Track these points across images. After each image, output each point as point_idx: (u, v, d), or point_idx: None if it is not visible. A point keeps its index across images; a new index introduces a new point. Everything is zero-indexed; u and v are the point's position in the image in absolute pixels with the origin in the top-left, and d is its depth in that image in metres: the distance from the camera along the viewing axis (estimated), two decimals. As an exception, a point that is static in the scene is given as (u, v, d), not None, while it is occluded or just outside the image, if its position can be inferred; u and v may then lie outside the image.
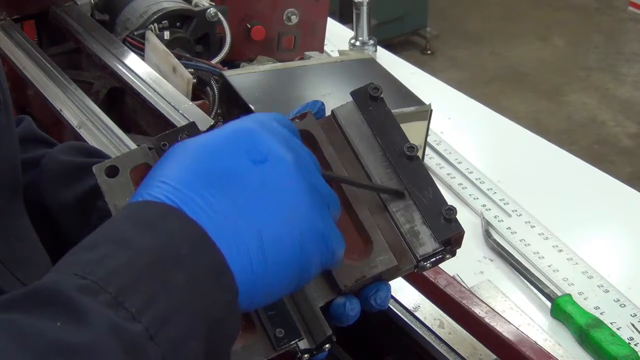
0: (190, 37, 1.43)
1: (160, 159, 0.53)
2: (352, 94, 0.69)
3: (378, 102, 0.68)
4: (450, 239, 0.64)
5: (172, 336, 0.44)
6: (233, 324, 0.50)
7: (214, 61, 1.40)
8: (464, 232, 0.65)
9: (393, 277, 0.65)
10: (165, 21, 1.40)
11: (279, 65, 1.38)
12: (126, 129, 1.20)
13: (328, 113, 0.71)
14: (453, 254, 0.66)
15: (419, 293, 0.94)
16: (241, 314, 0.50)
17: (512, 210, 1.25)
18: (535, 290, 1.09)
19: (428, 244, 0.64)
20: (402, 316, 0.94)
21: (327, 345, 0.62)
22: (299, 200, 0.52)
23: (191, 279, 0.46)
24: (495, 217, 1.24)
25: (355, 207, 0.65)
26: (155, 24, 1.39)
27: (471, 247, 1.17)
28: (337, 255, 0.56)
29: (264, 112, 0.59)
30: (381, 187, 0.66)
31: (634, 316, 1.05)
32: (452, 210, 0.64)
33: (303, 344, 0.61)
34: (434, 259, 0.65)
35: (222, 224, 0.49)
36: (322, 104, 0.71)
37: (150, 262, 0.46)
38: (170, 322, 0.45)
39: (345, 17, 2.50)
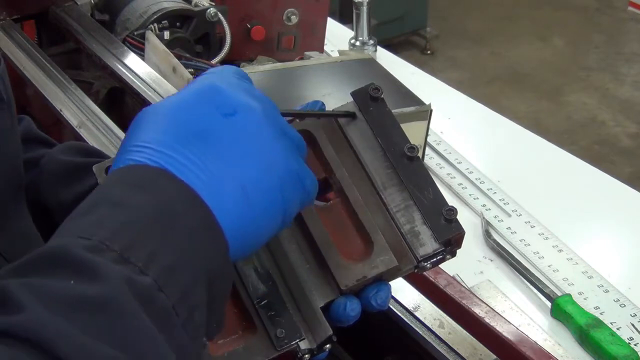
0: (190, 37, 1.43)
1: (133, 124, 0.55)
2: (353, 94, 0.69)
3: (378, 102, 0.68)
4: (450, 240, 0.64)
5: (178, 286, 0.46)
6: (227, 276, 0.52)
7: (214, 61, 1.40)
8: (464, 232, 0.65)
9: (393, 278, 0.65)
10: (165, 21, 1.40)
11: (279, 65, 1.38)
12: (126, 129, 1.19)
13: None
14: (453, 255, 0.66)
15: (419, 293, 0.94)
16: (233, 265, 0.53)
17: (512, 210, 1.25)
18: (535, 290, 1.09)
19: (428, 244, 0.64)
20: (402, 316, 0.94)
21: (327, 345, 0.62)
22: (274, 147, 0.55)
23: (188, 235, 0.48)
24: (495, 217, 1.24)
25: (356, 207, 0.65)
26: (155, 24, 1.39)
27: (471, 247, 1.17)
28: (312, 193, 0.58)
29: (221, 67, 0.61)
30: (330, 112, 0.68)
31: (634, 316, 1.05)
32: (453, 210, 0.64)
33: (304, 344, 0.61)
34: (434, 259, 0.65)
35: (208, 181, 0.51)
36: (323, 104, 0.71)
37: (149, 220, 0.48)
38: (175, 274, 0.47)
39: (345, 17, 2.50)
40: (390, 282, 0.65)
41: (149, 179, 0.50)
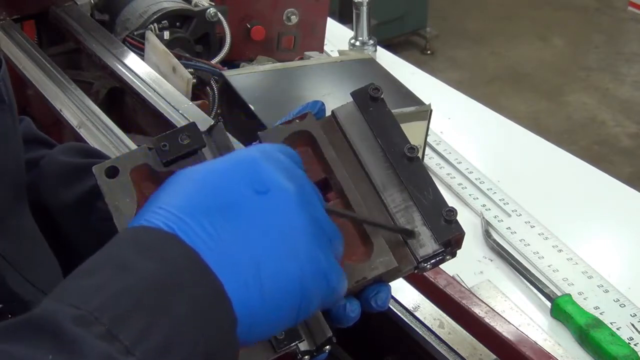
0: (190, 37, 1.43)
1: (162, 185, 0.53)
2: (353, 94, 0.69)
3: (378, 102, 0.68)
4: (450, 240, 0.64)
5: None
6: (231, 355, 0.49)
7: (213, 61, 1.40)
8: (464, 233, 0.65)
9: (393, 278, 0.65)
10: (165, 21, 1.40)
11: (278, 65, 1.38)
12: (126, 129, 1.20)
13: (328, 113, 0.71)
14: (453, 255, 0.66)
15: (419, 293, 0.94)
16: (239, 346, 0.49)
17: (512, 210, 1.25)
18: (535, 290, 1.09)
19: (428, 245, 0.64)
20: (402, 316, 0.94)
21: (327, 347, 0.62)
22: (300, 234, 0.51)
23: (190, 308, 0.46)
24: (495, 217, 1.24)
25: (356, 208, 0.65)
26: (155, 24, 1.39)
27: (471, 247, 1.17)
28: (337, 292, 0.55)
29: (269, 143, 0.59)
30: (391, 226, 0.64)
31: (633, 316, 1.05)
32: (453, 211, 0.64)
33: (303, 346, 0.61)
34: (434, 260, 0.65)
35: (220, 254, 0.49)
36: (323, 104, 0.71)
37: (149, 289, 0.45)
38: (166, 354, 0.44)
39: (345, 17, 2.50)
40: (390, 283, 0.65)
41: (159, 242, 0.48)
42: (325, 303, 0.54)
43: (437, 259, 0.65)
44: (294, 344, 0.60)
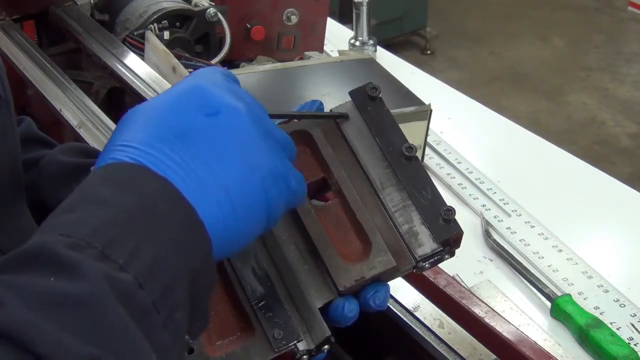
0: (190, 37, 1.43)
1: (119, 123, 0.55)
2: (351, 93, 0.69)
3: (377, 101, 0.68)
4: (449, 240, 0.64)
5: (159, 284, 0.46)
6: (210, 273, 0.52)
7: (213, 61, 1.40)
8: (462, 232, 0.65)
9: (392, 278, 0.65)
10: (165, 21, 1.40)
11: (278, 65, 1.38)
12: (125, 129, 1.20)
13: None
14: (452, 254, 0.66)
15: (419, 293, 0.94)
16: (215, 263, 0.52)
17: (512, 210, 1.25)
18: (535, 290, 1.09)
19: (427, 244, 0.64)
20: (401, 316, 0.94)
21: (326, 346, 0.62)
22: (256, 147, 0.55)
23: (170, 233, 0.48)
24: (495, 217, 1.24)
25: (354, 208, 0.65)
26: (155, 24, 1.39)
27: (471, 247, 1.17)
28: (298, 194, 0.58)
29: (207, 68, 0.61)
30: (323, 114, 0.68)
31: (633, 316, 1.05)
32: (451, 210, 0.64)
33: (302, 345, 0.61)
34: (432, 259, 0.65)
35: (190, 179, 0.51)
36: (321, 103, 0.71)
37: (131, 218, 0.48)
38: (156, 271, 0.47)
39: (345, 17, 2.50)
40: (389, 282, 0.65)
41: (130, 176, 0.50)
42: (289, 205, 0.58)
43: (436, 258, 0.65)
44: (292, 343, 0.60)
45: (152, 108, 0.55)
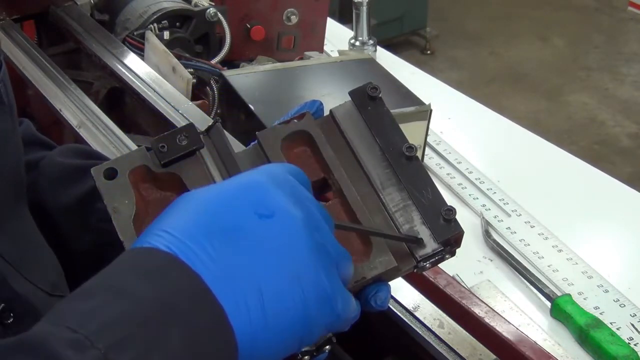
0: (190, 37, 1.43)
1: (167, 208, 0.52)
2: (351, 93, 0.69)
3: (376, 101, 0.68)
4: (449, 239, 0.64)
5: None
6: None
7: (213, 61, 1.40)
8: (463, 232, 0.65)
9: (393, 278, 0.65)
10: (165, 21, 1.40)
11: (278, 65, 1.38)
12: (126, 129, 1.20)
13: (327, 112, 0.71)
14: (453, 254, 0.66)
15: (419, 293, 0.94)
16: None
17: (512, 210, 1.25)
18: (535, 290, 1.09)
19: (427, 244, 0.64)
20: (401, 316, 0.94)
21: (327, 347, 0.62)
22: (303, 259, 0.51)
23: (188, 337, 0.45)
24: (495, 217, 1.24)
25: (355, 208, 0.65)
26: (155, 24, 1.39)
27: (471, 247, 1.17)
28: (343, 318, 0.54)
29: (278, 164, 0.58)
30: (399, 236, 0.64)
31: (633, 316, 1.05)
32: (452, 210, 0.64)
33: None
34: (433, 259, 0.65)
35: (222, 278, 0.48)
36: (321, 103, 0.71)
37: (147, 316, 0.44)
38: None
39: (345, 17, 2.50)
40: (390, 282, 0.65)
41: (159, 266, 0.47)
42: (330, 329, 0.54)
43: (437, 258, 0.65)
44: None
45: (205, 196, 0.52)
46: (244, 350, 0.47)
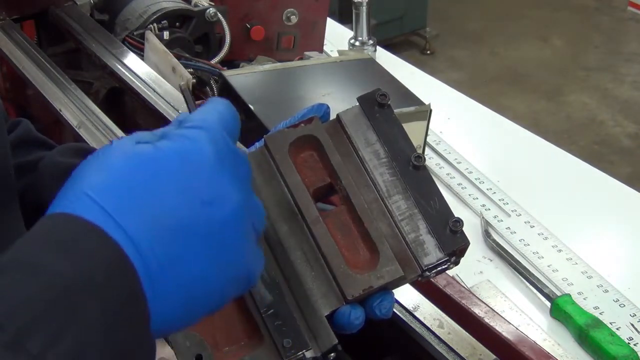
0: (190, 37, 1.43)
1: (90, 157, 0.48)
2: (359, 99, 0.68)
3: (385, 109, 0.67)
4: (455, 251, 0.64)
5: None
6: (147, 351, 0.46)
7: (213, 61, 1.40)
8: (469, 243, 0.65)
9: (398, 286, 0.65)
10: (165, 21, 1.40)
11: (278, 65, 1.38)
12: (126, 129, 1.20)
13: (332, 116, 0.70)
14: (457, 264, 0.66)
15: (419, 293, 0.94)
16: (154, 340, 0.47)
17: (512, 210, 1.25)
18: (535, 290, 1.09)
19: (433, 253, 0.64)
20: (401, 316, 0.93)
21: (332, 354, 0.62)
22: (230, 234, 0.49)
23: (105, 311, 0.42)
24: (495, 217, 1.24)
25: (362, 216, 0.64)
26: (155, 24, 1.39)
27: (471, 247, 1.16)
28: (253, 279, 0.52)
29: (216, 121, 0.55)
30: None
31: (633, 316, 1.05)
32: (459, 222, 0.64)
33: (309, 353, 0.61)
34: (438, 268, 0.65)
35: (146, 252, 0.45)
36: (328, 107, 0.70)
37: (60, 293, 0.41)
38: (80, 358, 0.41)
39: (344, 17, 2.50)
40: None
41: (77, 236, 0.44)
42: (241, 292, 0.53)
43: (441, 267, 0.65)
44: (301, 352, 0.60)
45: (135, 158, 0.47)
46: (159, 318, 0.46)
